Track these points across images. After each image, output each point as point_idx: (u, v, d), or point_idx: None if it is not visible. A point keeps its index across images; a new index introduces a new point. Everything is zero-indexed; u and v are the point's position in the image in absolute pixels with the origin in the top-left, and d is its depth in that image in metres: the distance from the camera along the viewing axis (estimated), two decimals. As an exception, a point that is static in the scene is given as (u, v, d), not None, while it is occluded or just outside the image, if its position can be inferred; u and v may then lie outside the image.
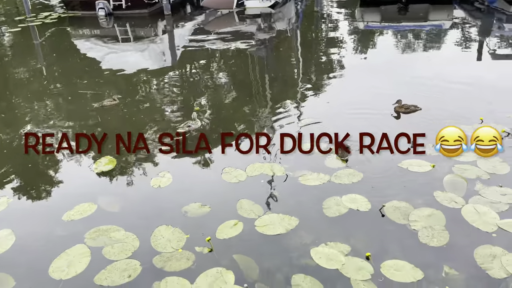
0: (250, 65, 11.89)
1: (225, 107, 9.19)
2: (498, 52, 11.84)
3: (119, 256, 4.90)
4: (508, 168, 6.12)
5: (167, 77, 11.44)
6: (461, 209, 5.38)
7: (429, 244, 4.85)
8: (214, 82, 10.90)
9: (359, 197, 5.73)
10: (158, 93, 10.28)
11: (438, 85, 9.47)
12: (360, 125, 7.57)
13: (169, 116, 8.83)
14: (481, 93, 8.91)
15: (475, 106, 8.23)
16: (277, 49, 13.55)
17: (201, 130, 7.88)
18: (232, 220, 5.44)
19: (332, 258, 4.72)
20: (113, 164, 6.89)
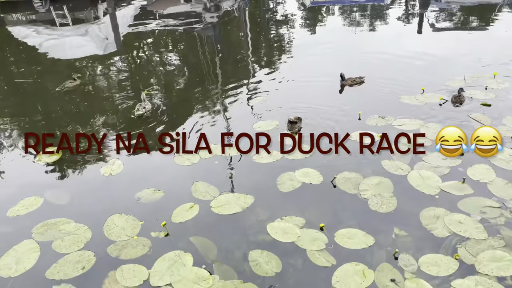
0: (199, 44, 11.65)
1: (175, 88, 8.99)
2: (436, 25, 12.34)
3: (71, 248, 4.74)
4: (448, 133, 6.46)
5: (112, 61, 10.99)
6: (407, 175, 5.65)
7: (378, 211, 5.07)
8: (162, 64, 10.61)
9: (312, 171, 5.85)
10: (104, 78, 9.86)
11: (382, 58, 9.78)
12: (307, 97, 7.79)
13: (118, 101, 8.53)
14: (421, 64, 9.29)
15: (417, 77, 8.58)
16: (225, 28, 13.35)
17: (155, 111, 7.74)
18: (188, 203, 5.39)
19: (288, 231, 4.82)
20: (58, 154, 6.57)
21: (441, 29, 11.79)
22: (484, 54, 9.48)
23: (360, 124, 6.98)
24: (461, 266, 4.25)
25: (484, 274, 4.14)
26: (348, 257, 4.45)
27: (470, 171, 5.60)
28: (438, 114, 7.10)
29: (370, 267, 4.29)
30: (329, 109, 7.57)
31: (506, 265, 4.21)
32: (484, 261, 4.27)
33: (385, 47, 10.52)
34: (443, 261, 4.31)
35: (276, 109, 7.74)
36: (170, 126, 7.40)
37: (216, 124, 7.43)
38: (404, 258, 4.37)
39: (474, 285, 4.03)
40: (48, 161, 6.45)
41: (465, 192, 5.24)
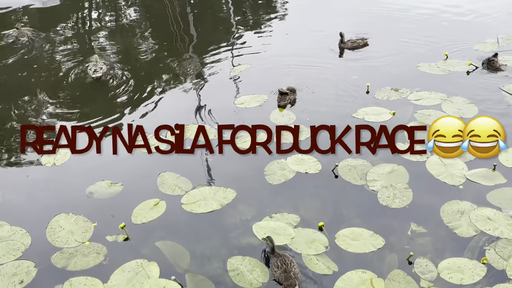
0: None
1: (137, 52, 8.87)
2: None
3: (5, 258, 4.71)
4: (476, 109, 6.56)
5: (57, 15, 10.75)
6: (426, 162, 5.70)
7: (390, 206, 5.14)
8: (121, 21, 10.42)
9: (308, 158, 5.88)
10: (44, 39, 9.65)
11: (395, 13, 9.81)
12: (304, 64, 7.93)
13: (67, 62, 8.44)
14: (444, 23, 9.32)
15: (439, 38, 8.60)
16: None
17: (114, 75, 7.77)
18: (152, 199, 5.39)
19: (279, 232, 4.86)
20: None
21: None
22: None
23: (368, 99, 7.00)
24: (489, 272, 4.35)
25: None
26: (352, 263, 4.52)
27: (502, 156, 5.68)
28: (464, 86, 7.16)
29: (379, 275, 4.37)
30: (330, 80, 7.58)
31: (545, 270, 4.33)
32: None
33: (400, 3, 10.51)
34: (467, 266, 4.41)
35: (263, 80, 7.70)
36: (135, 97, 7.33)
37: (189, 98, 7.37)
38: (421, 263, 4.46)
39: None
40: (-27, 149, 6.36)
41: (496, 182, 5.35)
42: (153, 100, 7.38)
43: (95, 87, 7.68)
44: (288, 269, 4.38)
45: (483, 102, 6.70)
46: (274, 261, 4.49)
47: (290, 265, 4.41)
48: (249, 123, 6.51)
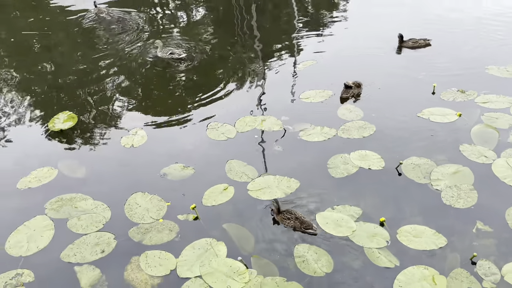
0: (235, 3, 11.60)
1: (209, 46, 9.01)
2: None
3: (88, 229, 4.96)
4: (547, 115, 6.23)
5: (129, 9, 11.10)
6: (492, 164, 5.50)
7: (454, 206, 4.99)
8: (195, 23, 10.62)
9: (371, 154, 5.80)
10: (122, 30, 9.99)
11: (464, 16, 9.45)
12: (365, 64, 7.82)
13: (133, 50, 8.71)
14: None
15: (510, 42, 8.21)
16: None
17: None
18: (221, 184, 5.49)
19: (341, 224, 4.83)
20: (73, 121, 6.80)
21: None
22: None
23: (434, 99, 6.80)
24: (557, 279, 4.16)
25: None
26: (413, 259, 4.43)
27: None
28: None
29: (441, 272, 4.26)
30: (396, 77, 7.44)
31: None
32: None
33: (470, 5, 10.10)
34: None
35: (329, 76, 7.64)
36: (202, 92, 7.47)
37: (253, 93, 7.43)
38: (484, 265, 4.31)
39: None
40: (62, 128, 6.67)
41: None
42: (222, 92, 7.47)
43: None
44: (298, 216, 4.89)
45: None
46: (281, 216, 4.92)
47: (297, 213, 4.92)
48: (317, 117, 6.58)
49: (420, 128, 6.27)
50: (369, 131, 6.26)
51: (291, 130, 6.42)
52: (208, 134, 6.41)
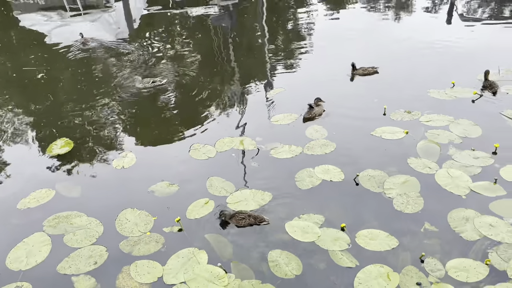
0: (214, 32, 11.67)
1: (190, 75, 9.02)
2: (467, 15, 12.12)
3: (83, 243, 4.86)
4: (480, 130, 6.39)
5: (125, 47, 11.07)
6: (435, 174, 5.60)
7: (404, 211, 5.05)
8: (176, 51, 10.63)
9: (332, 168, 5.86)
10: (116, 64, 9.95)
11: (409, 48, 9.66)
12: (329, 89, 7.90)
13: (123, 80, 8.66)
14: (452, 56, 9.12)
15: (447, 70, 8.43)
16: (241, 15, 13.33)
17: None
18: (203, 198, 5.46)
19: (308, 231, 4.84)
20: (70, 146, 6.71)
21: (471, 20, 11.57)
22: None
23: (385, 119, 6.93)
24: (492, 272, 4.22)
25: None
26: (371, 259, 4.46)
27: (503, 172, 5.53)
28: (469, 110, 6.99)
29: (394, 269, 4.30)
30: (352, 102, 7.56)
31: (541, 272, 4.17)
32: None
33: (412, 37, 10.36)
34: (472, 266, 4.29)
35: (295, 101, 7.73)
36: (184, 117, 7.47)
37: (232, 116, 7.46)
38: (431, 262, 4.36)
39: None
40: (60, 153, 6.57)
41: (497, 194, 5.18)
42: (203, 117, 7.49)
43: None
44: (250, 214, 5.02)
45: (486, 124, 6.52)
46: (235, 219, 5.00)
47: (248, 212, 5.05)
48: (286, 137, 6.63)
49: (374, 144, 6.37)
50: (330, 148, 6.33)
51: (263, 149, 6.45)
52: (191, 154, 6.39)
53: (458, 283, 4.14)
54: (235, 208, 5.26)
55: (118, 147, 6.76)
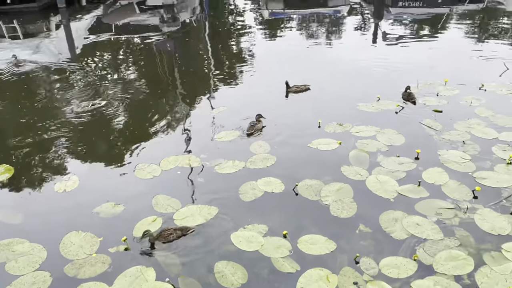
0: (157, 57, 11.54)
1: (132, 99, 8.82)
2: (390, 35, 12.88)
3: (25, 270, 4.52)
4: (403, 139, 6.74)
5: (66, 74, 10.65)
6: (366, 180, 5.80)
7: (340, 216, 5.18)
8: (119, 76, 10.38)
9: (274, 180, 5.91)
10: (57, 92, 9.52)
11: (340, 67, 10.08)
12: (269, 107, 7.96)
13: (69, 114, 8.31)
14: (377, 73, 9.62)
15: (373, 85, 8.86)
16: (184, 40, 13.32)
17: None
18: (150, 216, 5.29)
19: (252, 240, 4.83)
20: (10, 173, 6.29)
21: (394, 39, 12.31)
22: (435, 62, 9.96)
23: (320, 132, 7.13)
24: (420, 267, 4.40)
25: (442, 273, 4.30)
26: (312, 263, 4.51)
27: (425, 175, 5.84)
28: (393, 121, 7.36)
29: (333, 271, 4.37)
30: (289, 117, 7.71)
31: (462, 264, 4.40)
32: (441, 261, 4.44)
33: (342, 56, 10.85)
34: (402, 263, 4.45)
35: (237, 119, 7.77)
36: (129, 137, 7.27)
37: (176, 135, 7.36)
38: (365, 261, 4.48)
39: (433, 285, 4.18)
40: (0, 180, 6.15)
41: (421, 195, 5.46)
42: (147, 137, 7.33)
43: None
44: (175, 228, 4.95)
45: (408, 133, 6.89)
46: (163, 236, 4.86)
47: (172, 227, 4.96)
48: (230, 153, 6.61)
49: (311, 155, 6.51)
50: (271, 161, 6.39)
51: (208, 165, 6.39)
52: (136, 174, 6.20)
53: (390, 279, 4.28)
54: (182, 225, 5.14)
55: (60, 171, 6.42)
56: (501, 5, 15.48)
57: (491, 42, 11.45)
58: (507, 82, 8.66)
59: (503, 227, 4.85)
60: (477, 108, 7.61)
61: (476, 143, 6.52)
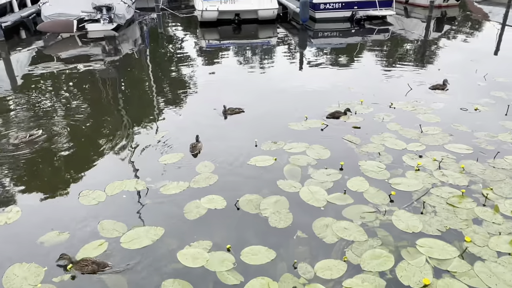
0: (101, 87, 11.06)
1: (77, 125, 8.34)
2: (313, 62, 13.46)
3: (-37, 309, 4.03)
4: (329, 153, 7.00)
5: (5, 104, 9.85)
6: (299, 191, 5.92)
7: (278, 227, 5.22)
8: (62, 107, 9.79)
9: (216, 197, 5.84)
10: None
11: (271, 91, 10.28)
12: (208, 129, 7.91)
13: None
14: (304, 96, 9.96)
15: (301, 106, 9.12)
16: (126, 69, 12.92)
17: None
18: (96, 240, 4.98)
19: (197, 256, 4.70)
20: None
21: (317, 65, 12.88)
22: (352, 84, 10.53)
23: (257, 150, 7.19)
24: (349, 267, 4.54)
25: (368, 271, 4.47)
26: (254, 273, 4.48)
27: (349, 183, 6.09)
28: (320, 137, 7.62)
29: (274, 279, 4.37)
30: (229, 138, 7.71)
31: (384, 261, 4.60)
32: (367, 260, 4.62)
33: (272, 81, 11.12)
34: (334, 264, 4.57)
35: (180, 141, 7.62)
36: (71, 165, 6.84)
37: (121, 161, 7.05)
38: (302, 266, 4.54)
39: (361, 283, 4.32)
40: None
41: (347, 202, 5.67)
42: (91, 164, 6.95)
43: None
44: (94, 261, 4.55)
45: (333, 147, 7.17)
46: (78, 266, 4.50)
47: (92, 259, 4.57)
48: (175, 175, 6.44)
49: (250, 172, 6.54)
50: (213, 179, 6.32)
51: (153, 188, 6.17)
52: (81, 201, 5.83)
53: (324, 280, 4.36)
54: (129, 247, 4.89)
55: (0, 203, 5.86)
56: (403, 34, 16.85)
57: (397, 66, 12.36)
58: (411, 100, 9.34)
59: (416, 225, 5.16)
60: (388, 123, 8.12)
61: (389, 153, 6.93)
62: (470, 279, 4.32)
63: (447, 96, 9.58)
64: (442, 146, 7.17)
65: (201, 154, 7.10)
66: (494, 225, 5.13)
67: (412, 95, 9.64)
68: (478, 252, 4.70)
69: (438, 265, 4.52)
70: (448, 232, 5.04)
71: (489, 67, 11.54)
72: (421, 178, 6.17)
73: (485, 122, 8.06)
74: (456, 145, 7.15)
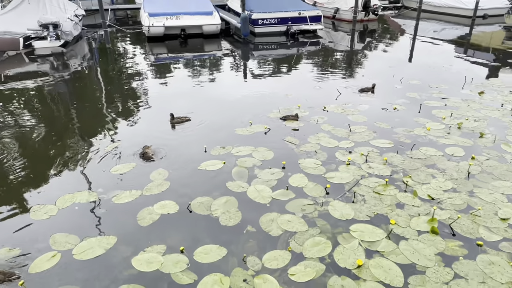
0: (51, 102, 10.32)
1: (29, 146, 7.71)
2: (255, 72, 13.60)
3: None
4: (272, 154, 7.08)
5: None
6: (246, 191, 5.92)
7: (228, 225, 5.17)
8: (13, 123, 9.00)
9: (168, 202, 5.67)
10: None
11: (217, 101, 10.21)
12: (161, 138, 7.66)
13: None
14: (248, 103, 10.02)
15: (246, 112, 9.17)
16: (75, 85, 12.18)
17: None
18: (48, 252, 4.63)
19: (152, 261, 4.52)
20: None
21: (258, 75, 13.03)
22: (290, 91, 10.77)
23: (207, 156, 7.10)
24: (293, 256, 4.61)
25: (310, 258, 4.57)
26: (207, 270, 4.40)
27: (291, 180, 6.19)
28: (263, 140, 7.70)
29: (226, 274, 4.31)
30: (179, 146, 7.53)
31: (323, 247, 4.73)
32: (308, 248, 4.72)
33: (218, 91, 11.06)
34: (280, 255, 4.61)
35: (131, 151, 7.31)
36: (21, 180, 6.30)
37: (72, 173, 6.61)
38: (251, 260, 4.53)
39: (304, 269, 4.40)
40: None
41: (289, 197, 5.76)
42: (41, 178, 6.44)
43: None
44: (1, 271, 4.21)
45: (276, 149, 7.27)
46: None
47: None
48: (127, 184, 6.16)
49: (201, 176, 6.43)
50: (166, 186, 6.13)
51: (106, 198, 5.85)
52: (32, 216, 5.38)
53: (272, 270, 4.39)
54: (81, 258, 4.58)
55: None
56: (332, 46, 17.57)
57: (328, 73, 12.84)
58: (341, 103, 9.74)
59: (348, 213, 5.36)
60: (322, 124, 8.39)
61: (324, 151, 7.16)
62: (396, 257, 4.56)
63: (371, 98, 10.11)
64: (368, 142, 7.54)
65: (154, 163, 6.85)
66: (413, 207, 5.47)
67: (341, 99, 10.05)
68: (402, 232, 4.98)
69: (369, 246, 4.73)
70: (376, 217, 5.29)
71: (404, 72, 12.39)
72: (351, 171, 6.44)
73: (403, 119, 8.61)
74: (379, 141, 7.55)
